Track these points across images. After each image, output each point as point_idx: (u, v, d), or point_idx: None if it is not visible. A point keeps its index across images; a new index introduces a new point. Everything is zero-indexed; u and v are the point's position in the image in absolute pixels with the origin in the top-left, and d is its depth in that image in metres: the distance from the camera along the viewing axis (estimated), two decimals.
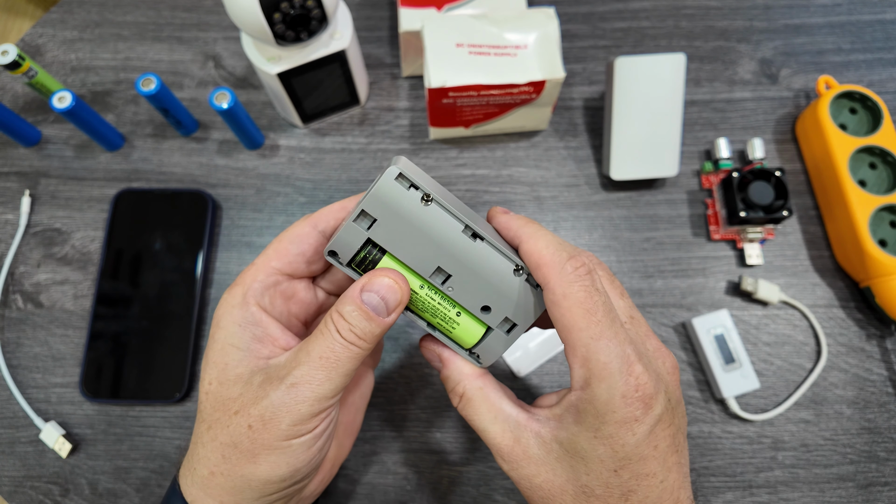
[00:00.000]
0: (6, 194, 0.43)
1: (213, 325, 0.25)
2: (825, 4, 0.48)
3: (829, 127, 0.41)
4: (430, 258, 0.22)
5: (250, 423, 0.22)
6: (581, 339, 0.21)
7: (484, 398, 0.24)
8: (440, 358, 0.25)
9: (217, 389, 0.23)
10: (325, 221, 0.25)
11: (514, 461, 0.23)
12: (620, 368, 0.20)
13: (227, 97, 0.38)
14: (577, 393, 0.22)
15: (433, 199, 0.21)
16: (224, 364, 0.23)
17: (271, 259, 0.25)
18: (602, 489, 0.21)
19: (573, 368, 0.22)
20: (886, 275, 0.37)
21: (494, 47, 0.38)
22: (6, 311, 0.40)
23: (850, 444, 0.37)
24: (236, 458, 0.22)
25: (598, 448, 0.21)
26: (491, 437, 0.23)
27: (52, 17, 0.48)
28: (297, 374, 0.22)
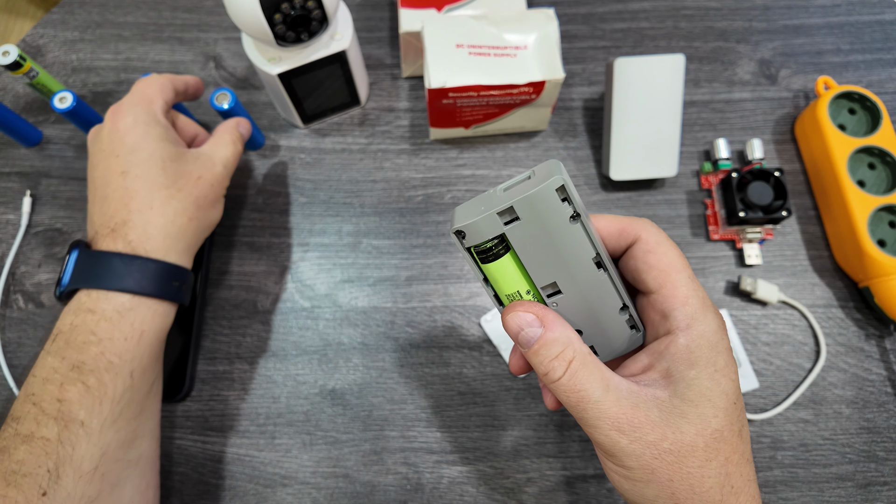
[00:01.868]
0: (7, 194, 0.43)
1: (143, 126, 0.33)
2: (824, 5, 0.48)
3: (828, 127, 0.41)
4: (551, 272, 0.22)
5: (211, 182, 0.34)
6: (681, 279, 0.22)
7: (595, 364, 0.22)
8: (542, 319, 0.22)
9: (173, 167, 0.32)
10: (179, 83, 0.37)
11: (638, 428, 0.21)
12: (713, 304, 0.23)
13: (228, 98, 0.38)
14: (685, 333, 0.22)
15: (580, 219, 0.21)
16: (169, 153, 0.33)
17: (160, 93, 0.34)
18: (728, 429, 0.21)
19: (674, 309, 0.22)
20: (885, 275, 0.38)
21: (494, 48, 0.38)
22: (7, 312, 0.40)
23: (849, 444, 0.37)
24: (205, 206, 0.34)
25: (722, 381, 0.21)
26: (606, 407, 0.21)
27: (53, 17, 0.48)
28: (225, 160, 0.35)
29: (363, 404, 0.38)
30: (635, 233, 0.23)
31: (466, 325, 0.40)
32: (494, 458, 0.37)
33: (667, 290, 0.22)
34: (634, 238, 0.23)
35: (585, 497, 0.36)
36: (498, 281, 0.23)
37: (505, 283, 0.23)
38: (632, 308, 0.24)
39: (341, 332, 0.40)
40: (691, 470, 0.21)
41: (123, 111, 0.32)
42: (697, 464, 0.21)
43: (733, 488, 0.21)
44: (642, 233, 0.23)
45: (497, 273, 0.23)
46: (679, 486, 0.21)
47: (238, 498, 0.36)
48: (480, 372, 0.39)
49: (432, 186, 0.43)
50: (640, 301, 0.24)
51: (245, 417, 0.38)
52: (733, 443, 0.21)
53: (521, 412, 0.38)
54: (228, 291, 0.41)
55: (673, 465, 0.21)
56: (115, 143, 0.32)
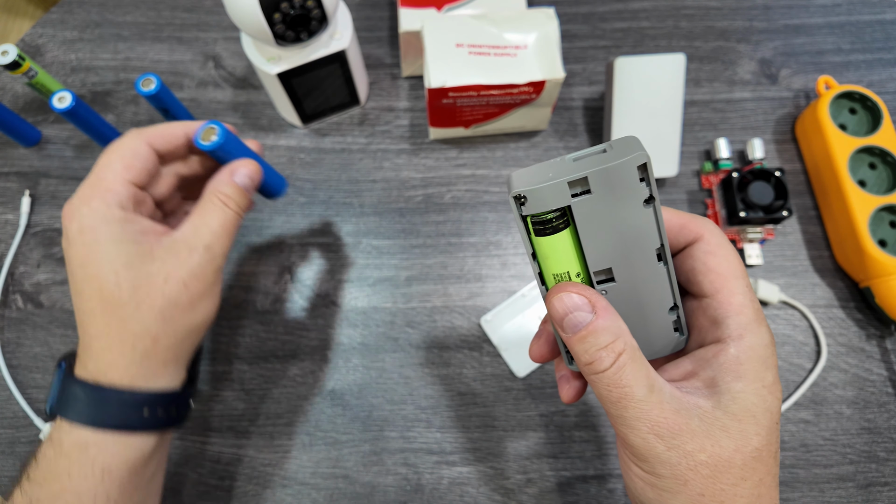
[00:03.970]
0: (6, 194, 0.43)
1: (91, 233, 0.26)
2: (825, 5, 0.48)
3: (828, 127, 0.41)
4: (609, 256, 0.21)
5: (184, 282, 0.26)
6: (739, 286, 0.21)
7: (643, 362, 0.20)
8: (594, 304, 0.21)
9: (129, 275, 0.26)
10: (161, 141, 0.28)
11: (677, 436, 0.20)
12: (764, 316, 0.22)
13: (216, 131, 0.28)
14: (736, 343, 0.21)
15: (655, 203, 0.20)
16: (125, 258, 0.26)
17: (123, 173, 0.27)
18: (766, 449, 0.20)
19: (727, 317, 0.21)
20: (886, 275, 0.37)
21: (494, 47, 0.38)
22: (6, 311, 0.40)
23: (849, 445, 0.37)
24: (179, 314, 0.27)
25: (768, 399, 0.20)
26: (648, 408, 0.20)
27: (52, 17, 0.48)
28: (208, 240, 0.27)
29: (363, 405, 0.38)
30: (697, 231, 0.22)
31: (466, 325, 0.40)
32: (494, 459, 0.37)
33: (723, 296, 0.21)
34: (696, 237, 0.22)
35: (586, 498, 0.36)
36: (549, 258, 0.21)
37: (556, 261, 0.21)
38: (681, 310, 0.22)
39: (341, 332, 0.40)
40: (724, 487, 0.20)
41: (71, 213, 0.26)
42: (732, 481, 0.20)
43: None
44: (705, 233, 0.22)
45: (550, 249, 0.21)
46: (709, 501, 0.20)
47: (237, 498, 0.36)
48: (480, 372, 0.39)
49: (432, 186, 0.43)
50: (689, 304, 0.23)
51: (244, 418, 0.38)
52: (769, 464, 0.20)
53: (522, 412, 0.38)
54: (228, 291, 0.40)
55: (707, 479, 0.20)
56: (67, 255, 0.27)
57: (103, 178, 0.27)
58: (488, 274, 0.41)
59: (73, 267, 0.26)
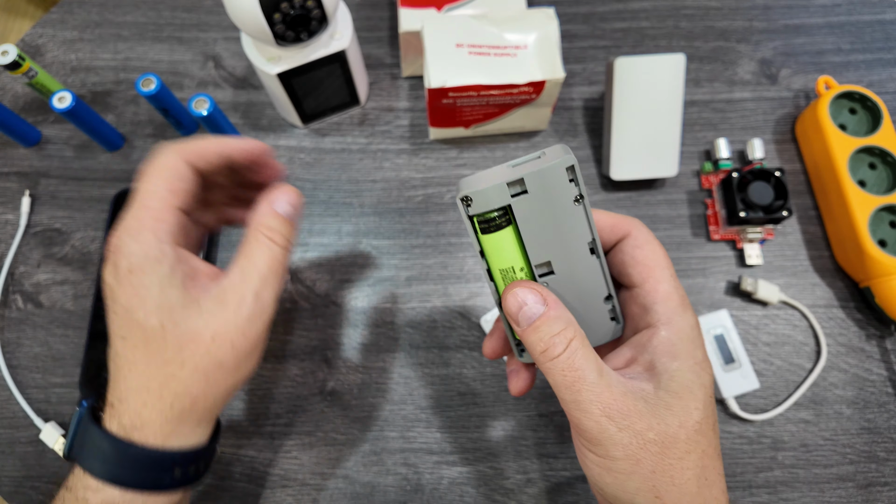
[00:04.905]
0: (6, 194, 0.43)
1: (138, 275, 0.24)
2: (825, 5, 0.48)
3: (828, 127, 0.41)
4: (547, 251, 0.23)
5: (232, 341, 0.24)
6: (664, 275, 0.23)
7: (591, 348, 0.22)
8: (546, 298, 0.22)
9: (176, 328, 0.24)
10: (200, 158, 0.26)
11: (627, 416, 0.21)
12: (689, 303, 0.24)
13: (207, 103, 0.37)
14: (666, 327, 0.23)
15: (584, 202, 0.22)
16: (171, 306, 0.24)
17: (170, 199, 0.25)
18: (706, 422, 0.22)
19: (655, 303, 0.23)
20: (886, 275, 0.37)
21: (494, 48, 0.38)
22: (6, 311, 0.40)
23: (849, 445, 0.37)
24: (221, 376, 0.25)
25: (701, 374, 0.22)
26: (600, 391, 0.21)
27: (52, 17, 0.48)
28: (257, 286, 0.25)
29: (363, 405, 0.38)
30: (626, 228, 0.24)
31: (466, 326, 0.40)
32: (494, 459, 0.37)
33: (650, 285, 0.23)
34: (625, 233, 0.24)
35: (585, 497, 0.36)
36: (494, 254, 0.23)
37: (501, 256, 0.23)
38: (616, 299, 0.24)
39: (341, 332, 0.40)
40: (672, 461, 0.21)
41: (120, 248, 0.24)
42: (678, 455, 0.21)
43: (707, 480, 0.22)
44: (633, 229, 0.24)
45: (495, 245, 0.23)
46: (661, 477, 0.21)
47: (238, 498, 0.36)
48: (480, 372, 0.39)
49: (432, 186, 0.43)
50: (623, 295, 0.25)
51: (245, 418, 0.38)
52: (709, 436, 0.22)
53: (521, 412, 0.38)
54: None
55: (656, 456, 0.21)
56: (112, 293, 0.25)
57: (150, 207, 0.24)
58: None
59: (117, 308, 0.24)
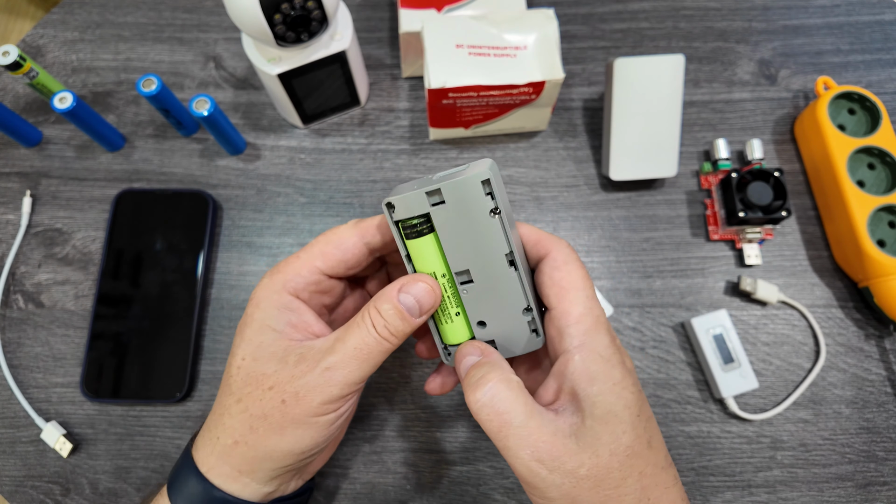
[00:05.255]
0: (7, 195, 0.43)
1: (252, 306, 0.26)
2: (824, 5, 0.48)
3: (827, 127, 0.41)
4: (466, 259, 0.24)
5: (284, 398, 0.24)
6: (579, 297, 0.23)
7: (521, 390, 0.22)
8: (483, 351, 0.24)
9: (251, 365, 0.25)
10: (371, 234, 0.26)
11: (557, 458, 0.21)
12: (607, 322, 0.24)
13: (207, 104, 0.38)
14: (580, 352, 0.22)
15: (500, 215, 0.23)
16: (259, 342, 0.25)
17: (316, 259, 0.26)
18: (637, 443, 0.22)
19: (568, 326, 0.23)
20: (885, 275, 0.38)
21: (494, 48, 0.38)
22: (7, 311, 0.40)
23: (848, 444, 0.38)
24: (264, 430, 0.24)
25: (623, 394, 0.22)
26: (528, 433, 0.21)
27: (52, 17, 0.48)
28: (332, 360, 0.24)
29: (363, 404, 0.38)
30: (547, 248, 0.24)
31: None
32: (494, 458, 0.37)
33: (564, 307, 0.23)
34: (545, 253, 0.24)
35: None
36: (418, 259, 0.24)
37: (424, 261, 0.24)
38: (536, 312, 0.25)
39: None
40: (609, 492, 0.21)
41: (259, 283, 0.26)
42: (614, 484, 0.21)
43: (650, 500, 0.22)
44: (553, 249, 0.24)
45: (418, 251, 0.24)
46: None
47: None
48: None
49: None
50: (545, 318, 0.25)
51: None
52: (644, 456, 0.22)
53: None
54: (229, 291, 0.41)
55: (591, 491, 0.21)
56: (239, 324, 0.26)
57: (298, 258, 0.26)
58: None
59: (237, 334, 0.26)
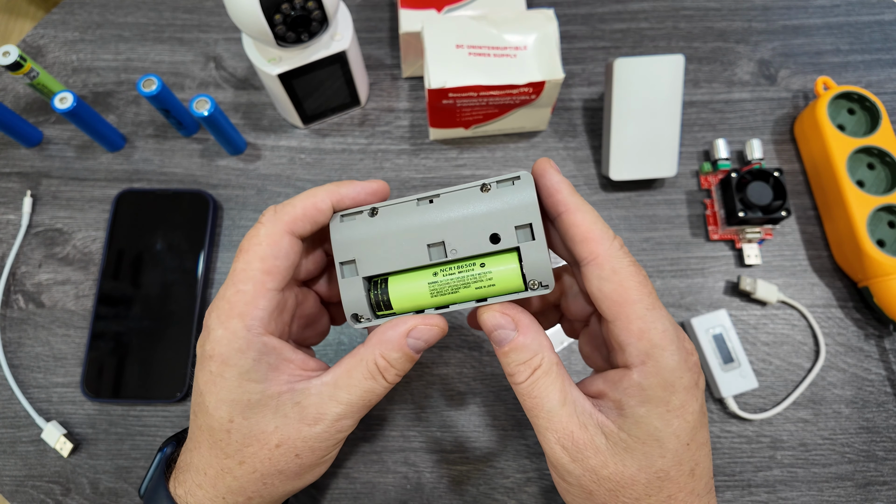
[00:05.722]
0: (8, 195, 0.43)
1: (217, 364, 0.22)
2: (823, 5, 0.48)
3: (827, 127, 0.41)
4: (417, 245, 0.23)
5: (297, 452, 0.23)
6: (636, 311, 0.21)
7: (559, 375, 0.22)
8: (517, 323, 0.22)
9: (244, 425, 0.23)
10: (301, 225, 0.23)
11: (581, 450, 0.21)
12: (676, 335, 0.21)
13: (208, 104, 0.38)
14: (639, 369, 0.21)
15: (376, 207, 0.23)
16: (246, 401, 0.23)
17: (265, 281, 0.23)
18: (676, 469, 0.21)
19: (628, 344, 0.21)
20: (884, 275, 0.38)
21: (494, 48, 0.38)
22: (8, 311, 0.40)
23: (848, 444, 0.38)
24: (280, 482, 0.24)
25: (673, 422, 0.21)
26: (558, 420, 0.21)
27: (53, 18, 0.48)
28: (340, 411, 0.23)
29: None
30: (593, 252, 0.21)
31: (466, 326, 0.40)
32: (494, 458, 0.37)
33: (621, 323, 0.21)
34: (592, 257, 0.21)
35: None
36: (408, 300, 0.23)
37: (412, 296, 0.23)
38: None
39: (341, 331, 0.40)
40: (627, 501, 0.21)
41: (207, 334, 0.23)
42: (635, 496, 0.21)
43: None
44: (600, 255, 0.21)
45: (402, 296, 0.23)
46: None
47: None
48: (480, 372, 0.39)
49: (432, 187, 0.43)
50: (604, 324, 0.23)
51: None
52: (681, 482, 0.21)
53: (522, 412, 0.38)
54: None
55: (610, 493, 0.21)
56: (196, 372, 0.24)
57: (243, 291, 0.23)
58: None
59: (196, 388, 0.24)
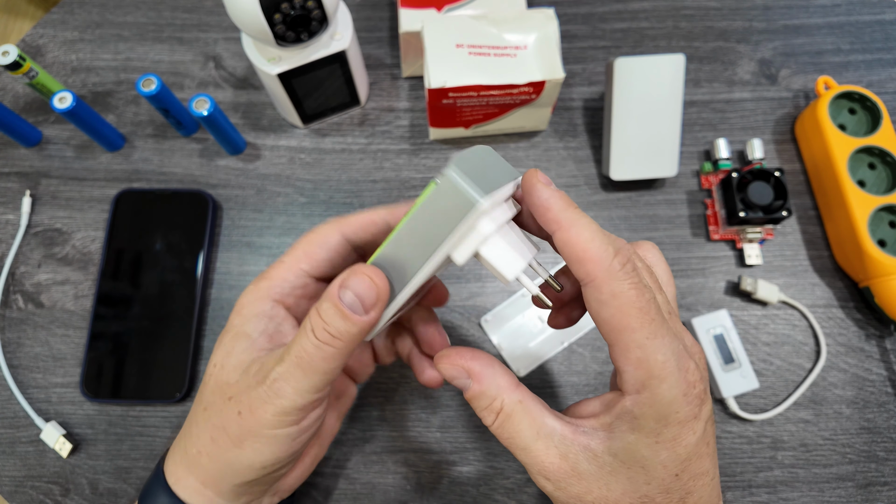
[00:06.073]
0: (7, 194, 0.43)
1: (234, 312, 0.25)
2: (824, 5, 0.48)
3: (828, 127, 0.41)
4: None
5: (240, 409, 0.23)
6: (635, 339, 0.19)
7: (525, 412, 0.22)
8: (469, 372, 0.22)
9: (219, 373, 0.24)
10: (354, 230, 0.25)
11: (562, 479, 0.21)
12: (678, 366, 0.20)
13: (207, 103, 0.38)
14: (633, 397, 0.20)
15: None
16: (231, 349, 0.24)
17: (301, 261, 0.25)
18: (662, 496, 0.20)
19: (625, 371, 0.20)
20: (885, 275, 0.38)
21: (494, 48, 0.38)
22: (7, 312, 0.40)
23: (849, 444, 0.37)
24: (223, 442, 0.23)
25: (661, 453, 0.20)
26: (534, 455, 0.21)
27: (52, 17, 0.48)
28: (277, 371, 0.22)
29: (363, 404, 0.38)
30: (590, 274, 0.20)
31: (466, 325, 0.40)
32: (494, 458, 0.37)
33: (619, 349, 0.20)
34: (589, 279, 0.20)
35: None
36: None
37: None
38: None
39: None
40: None
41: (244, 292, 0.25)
42: None
43: None
44: (598, 277, 0.20)
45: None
46: None
47: None
48: None
49: None
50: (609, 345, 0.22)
51: None
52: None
53: None
54: (229, 291, 0.41)
55: None
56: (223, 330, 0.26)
57: (282, 262, 0.25)
58: (488, 274, 0.41)
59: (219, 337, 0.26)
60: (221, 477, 0.24)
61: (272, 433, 0.23)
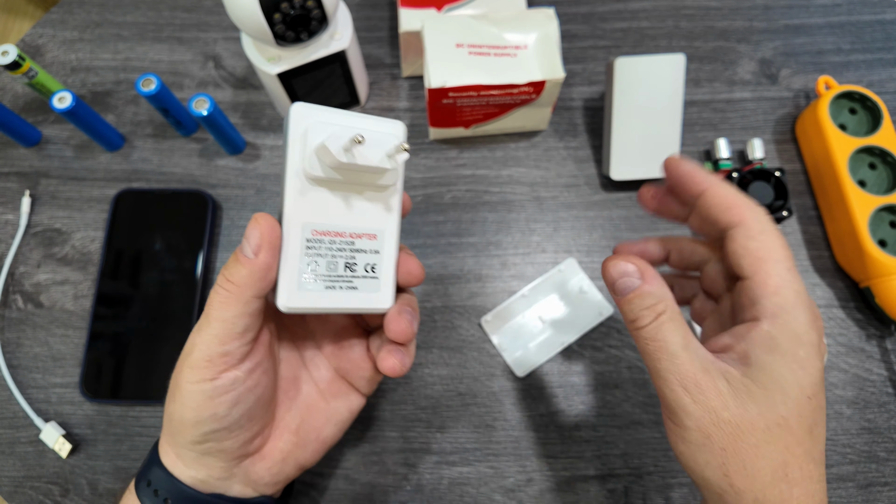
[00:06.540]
0: (6, 194, 0.43)
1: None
2: (825, 5, 0.48)
3: (828, 127, 0.41)
4: None
5: (178, 364, 0.25)
6: (777, 269, 0.22)
7: (681, 322, 0.23)
8: (643, 273, 0.24)
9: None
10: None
11: (703, 391, 0.21)
12: (808, 298, 0.23)
13: (207, 103, 0.38)
14: (770, 321, 0.22)
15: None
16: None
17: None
18: (796, 420, 0.21)
19: (763, 297, 0.22)
20: (886, 275, 0.37)
21: (494, 47, 0.38)
22: (6, 312, 0.40)
23: (849, 445, 0.37)
24: (169, 397, 0.25)
25: (798, 372, 0.21)
26: (680, 363, 0.22)
27: (52, 17, 0.48)
28: (196, 325, 0.25)
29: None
30: (741, 216, 0.24)
31: (466, 325, 0.40)
32: (494, 458, 0.37)
33: (759, 278, 0.23)
34: (739, 220, 0.24)
35: (585, 497, 0.36)
36: None
37: None
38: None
39: None
40: (746, 446, 0.21)
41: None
42: (754, 441, 0.21)
43: (787, 477, 0.21)
44: (747, 217, 0.24)
45: None
46: (731, 457, 0.21)
47: None
48: (480, 372, 0.39)
49: (432, 186, 0.43)
50: (736, 285, 0.24)
51: None
52: (798, 436, 0.21)
53: (522, 412, 0.38)
54: None
55: (729, 436, 0.21)
56: None
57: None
58: (488, 274, 0.41)
59: None
60: (173, 436, 0.25)
61: (188, 387, 0.24)
